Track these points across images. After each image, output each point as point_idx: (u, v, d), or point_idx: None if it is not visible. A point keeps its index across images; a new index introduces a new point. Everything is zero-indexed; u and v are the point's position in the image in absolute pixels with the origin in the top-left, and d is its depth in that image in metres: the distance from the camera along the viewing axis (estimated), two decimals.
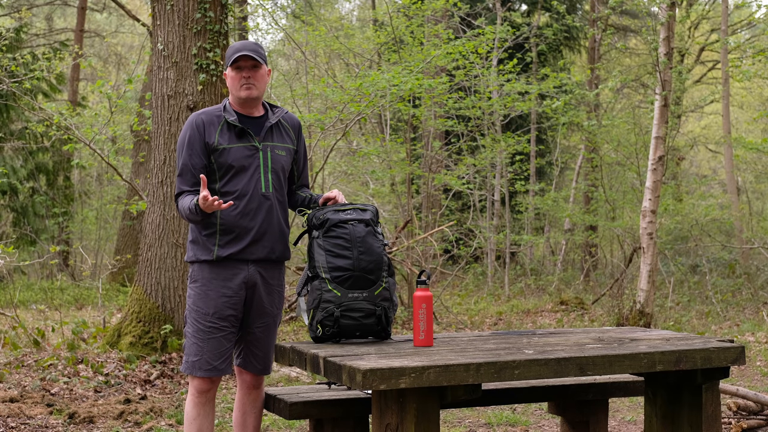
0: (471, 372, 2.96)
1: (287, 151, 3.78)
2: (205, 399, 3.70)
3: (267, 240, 3.68)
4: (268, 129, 3.73)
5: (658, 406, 3.63)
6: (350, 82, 10.16)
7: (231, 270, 3.65)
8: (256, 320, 3.71)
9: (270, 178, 3.69)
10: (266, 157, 3.69)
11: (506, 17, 17.01)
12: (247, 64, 3.66)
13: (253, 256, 3.66)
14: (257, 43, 3.77)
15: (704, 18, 21.78)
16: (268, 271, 3.72)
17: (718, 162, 25.54)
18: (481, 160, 14.51)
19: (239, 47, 3.67)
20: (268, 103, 3.85)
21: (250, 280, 3.66)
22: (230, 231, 3.64)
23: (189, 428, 3.72)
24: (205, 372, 3.63)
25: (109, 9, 22.34)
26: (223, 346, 3.66)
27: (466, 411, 6.01)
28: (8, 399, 5.87)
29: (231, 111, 3.71)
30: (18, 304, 11.55)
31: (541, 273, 17.97)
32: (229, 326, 3.66)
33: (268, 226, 3.68)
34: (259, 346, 3.74)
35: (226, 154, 3.64)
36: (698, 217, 15.11)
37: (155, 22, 7.47)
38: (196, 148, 3.65)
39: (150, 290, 7.25)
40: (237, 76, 3.67)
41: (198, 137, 3.65)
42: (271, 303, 3.74)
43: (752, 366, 8.06)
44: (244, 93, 3.67)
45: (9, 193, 15.66)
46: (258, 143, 3.69)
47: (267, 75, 3.75)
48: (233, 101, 3.75)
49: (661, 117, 10.00)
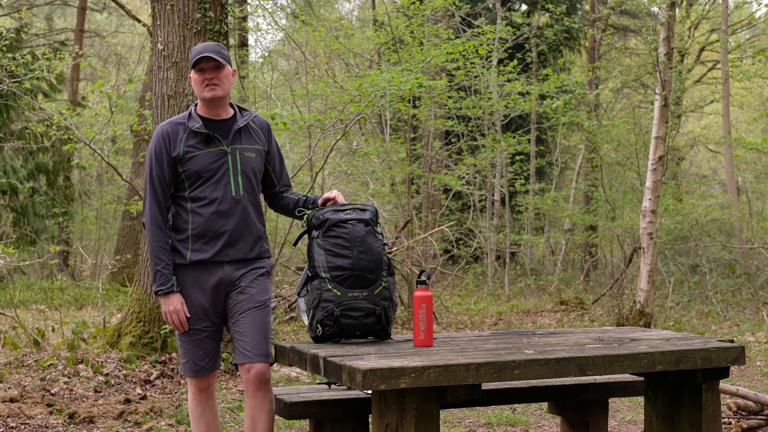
0: (471, 372, 2.96)
1: (257, 153, 3.75)
2: (206, 395, 3.77)
3: (242, 242, 3.67)
4: (236, 131, 3.71)
5: (658, 406, 3.63)
6: (350, 82, 10.15)
7: (206, 272, 3.65)
8: (242, 309, 3.64)
9: (240, 181, 3.67)
10: (235, 159, 3.67)
11: (506, 17, 17.00)
12: (209, 66, 3.66)
13: (228, 258, 3.65)
14: (219, 44, 3.78)
15: (704, 18, 21.76)
16: (248, 265, 3.69)
17: (718, 162, 25.53)
18: (481, 160, 14.50)
19: (200, 49, 3.68)
20: (237, 105, 3.84)
21: (227, 279, 3.65)
22: (202, 236, 3.64)
23: (196, 425, 3.77)
24: (194, 373, 3.71)
25: (109, 9, 22.34)
26: (208, 346, 3.70)
27: (466, 411, 6.01)
28: (8, 399, 5.87)
29: (196, 117, 3.70)
30: (18, 304, 11.54)
31: (541, 273, 17.96)
32: (211, 325, 3.69)
33: (243, 229, 3.66)
34: (247, 331, 3.60)
35: (192, 162, 3.63)
36: (698, 217, 15.09)
37: (155, 22, 7.47)
38: (162, 160, 3.65)
39: (150, 290, 7.25)
40: (200, 78, 3.67)
41: (163, 150, 3.65)
42: (252, 288, 3.66)
43: (752, 366, 8.06)
44: (208, 94, 3.67)
45: (9, 193, 15.65)
46: (226, 146, 3.67)
47: (231, 75, 3.75)
48: (200, 105, 3.76)
49: (661, 117, 10.00)
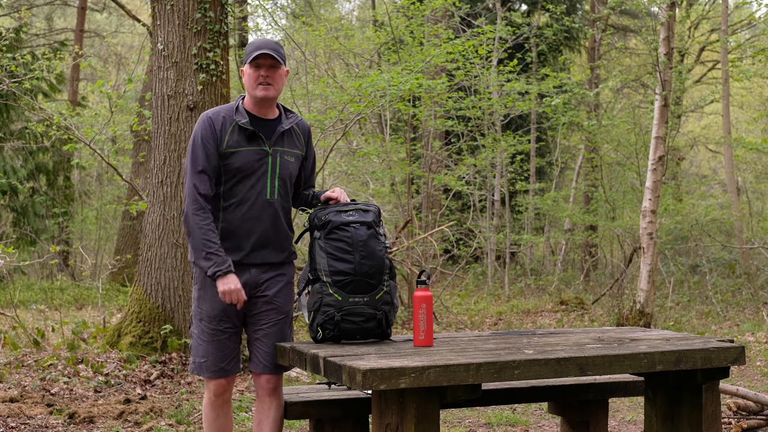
0: (471, 372, 2.96)
1: (296, 158, 3.70)
2: (221, 401, 3.68)
3: (270, 246, 3.62)
4: (279, 134, 3.64)
5: (658, 406, 3.63)
6: (350, 82, 10.15)
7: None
8: (265, 316, 3.62)
9: (276, 185, 3.62)
10: (275, 162, 3.61)
11: (506, 17, 16.99)
12: (266, 63, 3.57)
13: (255, 261, 3.60)
14: (278, 42, 3.67)
15: (704, 18, 21.76)
16: (274, 269, 3.65)
17: (718, 162, 25.53)
18: (481, 160, 14.50)
19: (260, 44, 3.57)
20: (283, 106, 3.76)
21: (252, 282, 3.60)
22: (230, 236, 3.58)
23: (209, 430, 3.70)
24: (213, 373, 3.61)
25: (109, 9, 22.33)
26: (228, 347, 3.62)
27: (466, 411, 6.01)
28: (8, 399, 5.86)
29: (243, 112, 3.61)
30: (18, 304, 11.54)
31: (541, 273, 17.96)
32: (232, 327, 3.62)
33: (272, 233, 3.62)
34: (267, 342, 3.60)
35: (234, 157, 3.55)
36: (698, 217, 15.10)
37: (155, 22, 7.47)
38: (210, 148, 3.55)
39: (150, 290, 7.25)
40: (255, 74, 3.57)
41: (212, 137, 3.56)
42: (279, 298, 3.63)
43: (752, 366, 8.06)
44: (261, 92, 3.57)
45: (9, 193, 15.65)
46: (269, 147, 3.60)
47: (285, 75, 3.65)
48: (248, 100, 3.66)
49: (661, 117, 10.00)
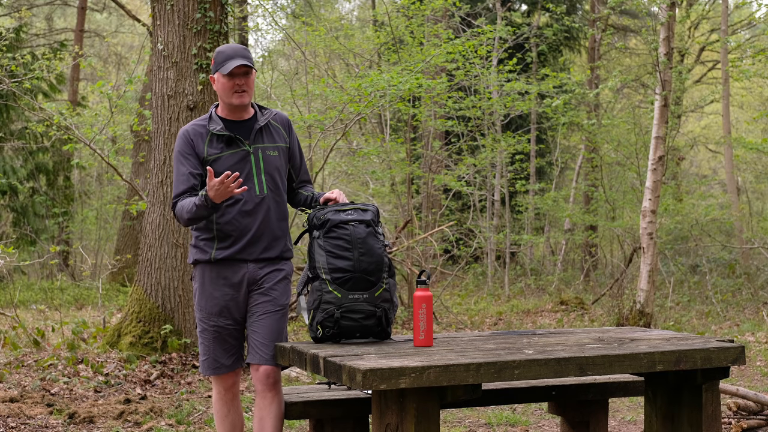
0: (471, 372, 2.96)
1: (280, 151, 3.76)
2: (231, 395, 3.76)
3: (265, 241, 3.68)
4: (257, 131, 3.72)
5: (658, 406, 3.63)
6: (350, 82, 10.15)
7: (231, 269, 3.67)
8: (261, 308, 3.66)
9: (264, 180, 3.68)
10: (258, 159, 3.68)
11: (506, 17, 16.99)
12: (240, 71, 3.64)
13: (251, 256, 3.67)
14: (244, 47, 3.74)
15: (704, 18, 21.75)
16: (271, 264, 3.71)
17: (718, 162, 25.53)
18: (481, 160, 14.50)
19: (231, 54, 3.63)
20: (257, 104, 3.82)
21: (251, 277, 3.67)
22: (227, 235, 3.65)
23: (221, 425, 3.76)
24: (213, 370, 3.69)
25: (109, 9, 22.33)
26: (228, 343, 3.70)
27: (466, 411, 6.01)
28: (8, 399, 5.87)
29: (216, 120, 3.70)
30: (18, 304, 11.54)
31: (541, 273, 17.96)
32: (233, 323, 3.69)
33: (265, 228, 3.68)
34: (262, 332, 3.62)
35: (217, 163, 3.63)
36: (698, 217, 15.09)
37: (155, 22, 7.47)
38: (191, 158, 3.65)
39: (150, 290, 7.25)
40: (230, 84, 3.64)
41: (191, 149, 3.65)
42: (275, 290, 3.68)
43: (752, 366, 8.06)
44: (237, 101, 3.66)
45: (9, 193, 15.66)
46: (248, 146, 3.68)
47: (254, 77, 3.74)
48: (222, 107, 3.74)
49: (661, 117, 10.00)
